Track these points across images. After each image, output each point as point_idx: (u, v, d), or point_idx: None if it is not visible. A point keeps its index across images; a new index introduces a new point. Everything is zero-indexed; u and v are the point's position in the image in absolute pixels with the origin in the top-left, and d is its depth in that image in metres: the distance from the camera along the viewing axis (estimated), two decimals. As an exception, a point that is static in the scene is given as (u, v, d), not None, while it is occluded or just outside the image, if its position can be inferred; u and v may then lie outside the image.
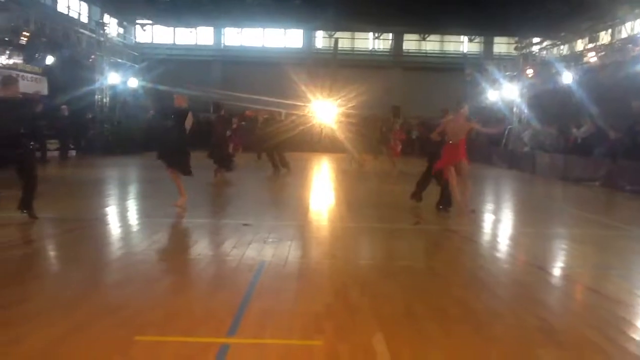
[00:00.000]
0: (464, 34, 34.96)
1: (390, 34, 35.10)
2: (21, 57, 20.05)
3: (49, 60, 20.75)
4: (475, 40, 35.37)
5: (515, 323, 4.38)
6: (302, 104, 27.78)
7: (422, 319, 4.35)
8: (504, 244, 7.99)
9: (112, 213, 9.54)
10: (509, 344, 3.95)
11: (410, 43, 35.41)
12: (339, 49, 31.99)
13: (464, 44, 35.71)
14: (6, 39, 18.16)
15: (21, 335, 3.80)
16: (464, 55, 34.44)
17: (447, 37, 35.32)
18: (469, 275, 6.04)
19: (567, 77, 21.50)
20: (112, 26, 29.10)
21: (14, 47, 19.17)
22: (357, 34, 35.34)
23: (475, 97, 26.84)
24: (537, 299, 5.12)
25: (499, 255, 7.08)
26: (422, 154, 17.38)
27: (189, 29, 34.24)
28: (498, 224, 9.72)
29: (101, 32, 24.85)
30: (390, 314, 4.42)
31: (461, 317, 4.44)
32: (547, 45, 26.92)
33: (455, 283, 5.61)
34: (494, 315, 4.56)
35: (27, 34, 18.58)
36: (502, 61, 30.00)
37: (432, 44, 35.47)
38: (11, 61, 19.61)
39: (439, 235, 8.34)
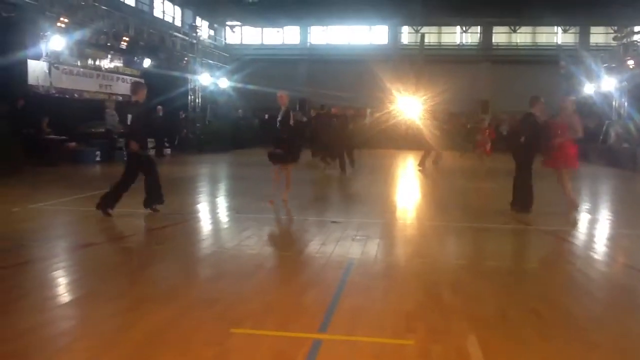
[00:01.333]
0: (558, 25, 33.38)
1: (479, 27, 34.15)
2: (121, 61, 21.31)
3: (146, 63, 21.88)
4: (570, 31, 33.71)
5: (618, 330, 4.17)
6: (388, 100, 27.62)
7: (517, 322, 4.23)
8: (601, 245, 7.60)
9: (204, 209, 9.97)
10: (612, 351, 3.77)
11: (500, 36, 34.30)
12: (425, 44, 31.52)
13: (557, 35, 34.13)
14: (108, 44, 19.32)
15: (128, 323, 4.07)
16: (558, 47, 32.89)
17: (540, 29, 33.90)
18: (564, 277, 5.81)
19: (674, 68, 20.07)
20: (203, 29, 30.20)
21: (115, 51, 20.38)
22: (444, 28, 34.68)
23: (570, 90, 25.60)
24: (640, 305, 4.86)
25: (596, 257, 6.74)
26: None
27: (276, 29, 34.93)
28: (595, 224, 9.23)
29: (194, 34, 25.87)
30: (483, 316, 4.34)
31: (558, 322, 4.28)
32: (650, 34, 25.26)
33: (550, 285, 5.42)
34: (594, 321, 4.37)
35: (127, 39, 19.67)
36: (600, 52, 28.42)
37: (523, 36, 34.18)
38: (112, 64, 20.88)
39: (531, 235, 8.06)
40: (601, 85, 24.93)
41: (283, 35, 35.40)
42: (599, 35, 33.24)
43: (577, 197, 9.46)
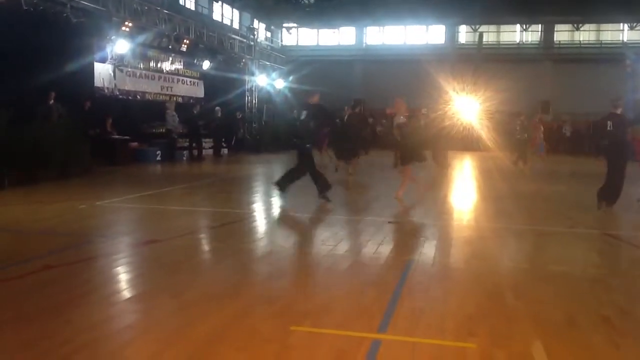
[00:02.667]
0: (624, 21, 32.02)
1: (540, 25, 33.17)
2: (182, 63, 21.87)
3: (206, 65, 22.38)
4: (637, 28, 32.28)
5: (696, 340, 3.96)
6: (444, 101, 27.19)
7: (585, 328, 4.08)
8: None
9: (260, 208, 10.07)
10: (688, 362, 3.59)
11: (562, 34, 33.19)
12: (484, 43, 30.87)
13: (623, 33, 32.74)
14: (169, 46, 19.87)
15: (191, 320, 4.14)
16: (624, 45, 31.52)
17: (604, 26, 32.62)
18: (634, 284, 5.56)
19: None
20: (260, 31, 30.60)
21: (176, 54, 20.94)
22: (503, 27, 33.84)
23: (637, 89, 24.54)
24: None
25: (669, 263, 6.43)
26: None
27: (332, 30, 35.00)
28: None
29: (251, 37, 26.25)
30: (548, 321, 4.20)
31: (630, 330, 4.10)
32: None
33: (620, 292, 5.19)
34: (669, 330, 4.16)
35: (187, 42, 20.17)
36: (670, 49, 27.15)
37: (586, 34, 32.93)
38: (173, 66, 21.43)
39: (598, 239, 7.74)
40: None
41: (339, 36, 35.44)
42: (669, 32, 31.73)
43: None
